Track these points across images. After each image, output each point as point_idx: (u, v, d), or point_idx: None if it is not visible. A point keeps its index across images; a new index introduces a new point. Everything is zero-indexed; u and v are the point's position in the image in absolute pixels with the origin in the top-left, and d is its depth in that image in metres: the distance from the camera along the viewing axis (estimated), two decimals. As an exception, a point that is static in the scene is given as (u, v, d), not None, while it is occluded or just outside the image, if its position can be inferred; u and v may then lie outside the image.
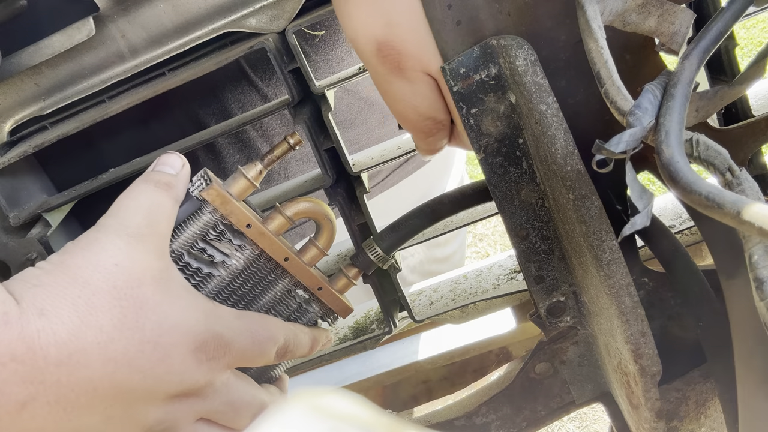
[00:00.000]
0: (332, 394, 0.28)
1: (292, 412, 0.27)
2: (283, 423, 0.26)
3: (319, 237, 0.52)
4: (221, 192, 0.46)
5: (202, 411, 0.44)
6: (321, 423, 0.26)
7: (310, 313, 0.53)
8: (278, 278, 0.50)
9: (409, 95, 0.47)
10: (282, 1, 0.49)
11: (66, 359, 0.35)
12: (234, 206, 0.47)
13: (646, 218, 0.36)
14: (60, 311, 0.37)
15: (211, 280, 0.48)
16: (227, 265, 0.48)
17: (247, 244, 0.48)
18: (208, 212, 0.47)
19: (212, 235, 0.47)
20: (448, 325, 0.85)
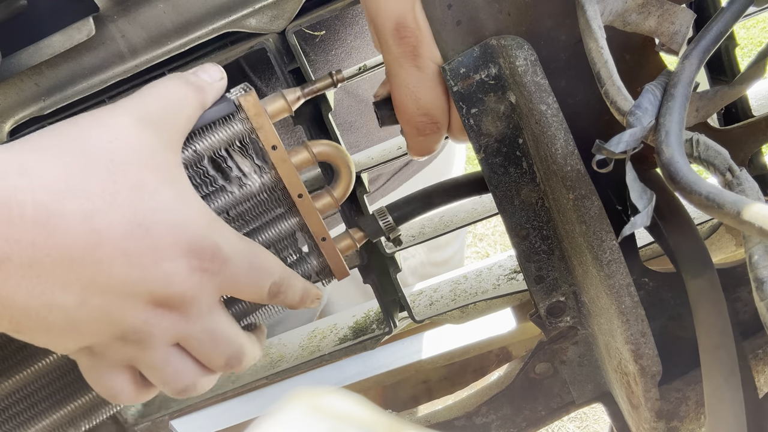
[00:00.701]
0: (332, 394, 0.28)
1: (292, 412, 0.27)
2: (283, 423, 0.26)
3: (336, 186, 0.50)
4: (258, 103, 0.44)
5: (180, 333, 0.40)
6: (321, 423, 0.26)
7: (307, 263, 0.50)
8: (286, 216, 0.48)
9: (415, 83, 0.46)
10: (282, 1, 0.49)
11: (44, 220, 0.32)
12: (266, 122, 0.45)
13: (646, 218, 0.36)
14: (45, 172, 0.34)
15: (221, 194, 0.45)
16: (242, 183, 0.45)
17: (267, 168, 0.46)
18: (239, 120, 0.45)
19: (237, 146, 0.45)
20: (448, 325, 0.85)
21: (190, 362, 0.42)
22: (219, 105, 0.44)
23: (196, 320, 0.40)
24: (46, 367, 0.47)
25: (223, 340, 0.42)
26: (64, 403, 0.49)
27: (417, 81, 0.46)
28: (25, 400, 0.48)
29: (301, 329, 0.71)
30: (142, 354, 0.40)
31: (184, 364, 0.41)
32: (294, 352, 0.68)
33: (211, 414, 0.90)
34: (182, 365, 0.41)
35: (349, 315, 0.70)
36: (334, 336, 0.68)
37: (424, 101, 0.47)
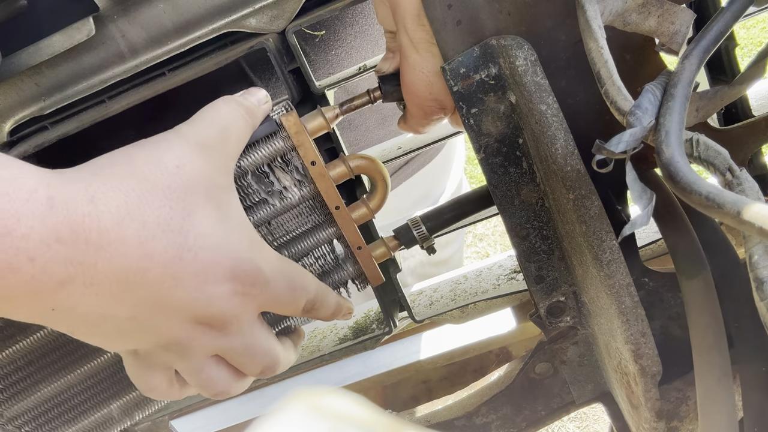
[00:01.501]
0: (332, 394, 0.28)
1: (292, 412, 0.27)
2: (283, 423, 0.26)
3: (372, 197, 0.52)
4: (299, 122, 0.47)
5: (219, 347, 0.43)
6: (321, 423, 0.26)
7: (343, 270, 0.52)
8: (324, 225, 0.51)
9: (430, 68, 0.47)
10: (282, 1, 0.49)
11: (106, 245, 0.36)
12: (306, 139, 0.47)
13: (646, 218, 0.36)
14: (110, 200, 0.37)
15: (264, 206, 0.48)
16: (283, 197, 0.48)
17: (306, 182, 0.49)
18: (281, 138, 0.47)
19: (278, 162, 0.48)
20: (448, 325, 0.85)
21: (226, 370, 0.45)
22: (262, 126, 0.47)
23: (234, 336, 0.43)
24: (105, 362, 0.53)
25: (259, 352, 0.45)
26: (118, 395, 0.54)
27: (432, 66, 0.47)
28: (87, 391, 0.54)
29: (301, 329, 0.71)
30: (181, 361, 0.43)
31: (219, 371, 0.45)
32: (294, 352, 0.68)
33: (211, 414, 0.90)
34: (217, 373, 0.45)
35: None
36: (334, 336, 0.68)
37: (437, 87, 0.48)
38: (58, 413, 0.54)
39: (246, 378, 0.47)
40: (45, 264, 0.35)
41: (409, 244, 0.55)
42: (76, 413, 0.54)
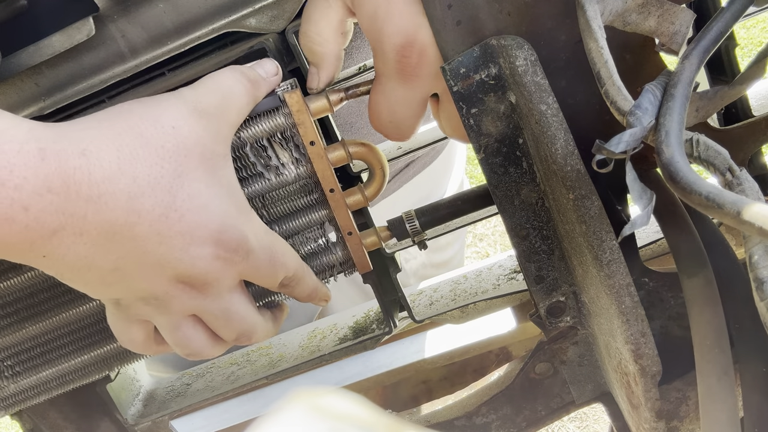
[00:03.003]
0: (332, 394, 0.28)
1: (292, 412, 0.27)
2: (283, 423, 0.26)
3: (369, 185, 0.52)
4: (302, 100, 0.47)
5: (197, 307, 0.44)
6: (321, 423, 0.26)
7: (332, 254, 0.53)
8: (317, 206, 0.51)
9: (397, 98, 0.48)
10: (282, 1, 0.49)
11: (95, 198, 0.37)
12: (307, 118, 0.48)
13: (646, 218, 0.36)
14: (102, 154, 0.38)
15: (259, 180, 0.49)
16: (279, 173, 0.49)
17: (303, 161, 0.49)
18: (283, 115, 0.48)
19: (278, 138, 0.48)
20: (448, 325, 0.85)
21: (202, 331, 0.46)
22: (266, 98, 0.47)
23: (213, 299, 0.44)
24: (90, 310, 0.53)
25: (236, 319, 0.46)
26: (100, 344, 0.55)
27: (400, 97, 0.48)
28: (70, 335, 0.55)
29: (301, 329, 0.71)
30: (159, 317, 0.45)
31: (196, 332, 0.46)
32: (294, 352, 0.68)
33: (211, 414, 0.90)
34: (193, 332, 0.46)
35: (349, 315, 0.70)
36: (334, 336, 0.68)
37: (399, 116, 0.49)
38: (41, 353, 0.55)
39: (222, 343, 0.47)
40: (38, 213, 0.36)
41: (401, 236, 0.55)
42: (57, 355, 0.55)
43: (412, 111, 0.49)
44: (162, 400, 0.68)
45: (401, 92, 0.48)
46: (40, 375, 0.56)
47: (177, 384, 0.71)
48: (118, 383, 0.65)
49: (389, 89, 0.48)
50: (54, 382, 0.57)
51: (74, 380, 0.57)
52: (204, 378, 0.70)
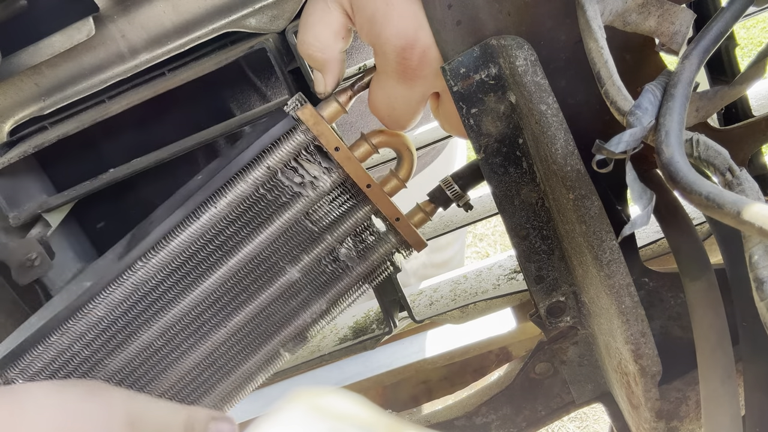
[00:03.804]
0: (332, 394, 0.28)
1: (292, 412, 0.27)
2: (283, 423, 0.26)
3: (400, 168, 0.53)
4: (314, 112, 0.48)
5: None
6: (321, 423, 0.26)
7: (387, 243, 0.54)
8: (359, 204, 0.52)
9: (397, 97, 0.48)
10: (282, 1, 0.49)
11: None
12: (325, 127, 0.48)
13: (646, 218, 0.36)
14: None
15: (299, 200, 0.50)
16: (315, 186, 0.50)
17: (333, 168, 0.50)
18: (301, 132, 0.48)
19: (304, 155, 0.49)
20: (448, 325, 0.85)
21: None
22: (280, 122, 0.48)
23: None
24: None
25: None
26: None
27: (400, 96, 0.48)
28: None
29: (301, 329, 0.71)
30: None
31: None
32: (294, 352, 0.68)
33: (211, 414, 0.90)
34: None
35: (349, 315, 0.70)
36: (334, 336, 0.68)
37: (399, 112, 0.49)
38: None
39: None
40: None
41: (446, 204, 0.55)
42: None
43: (412, 108, 0.49)
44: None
45: (401, 91, 0.48)
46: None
47: (177, 384, 0.71)
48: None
49: (389, 87, 0.48)
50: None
51: None
52: (204, 378, 0.70)
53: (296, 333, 0.56)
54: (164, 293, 0.52)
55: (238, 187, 0.49)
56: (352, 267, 0.55)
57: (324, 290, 0.55)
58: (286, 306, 0.55)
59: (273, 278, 0.53)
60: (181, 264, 0.51)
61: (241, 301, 0.54)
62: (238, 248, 0.51)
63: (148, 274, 0.51)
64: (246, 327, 0.55)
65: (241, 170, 0.49)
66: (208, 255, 0.51)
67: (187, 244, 0.50)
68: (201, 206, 0.50)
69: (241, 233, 0.51)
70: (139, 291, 0.51)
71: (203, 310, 0.53)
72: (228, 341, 0.55)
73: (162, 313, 0.52)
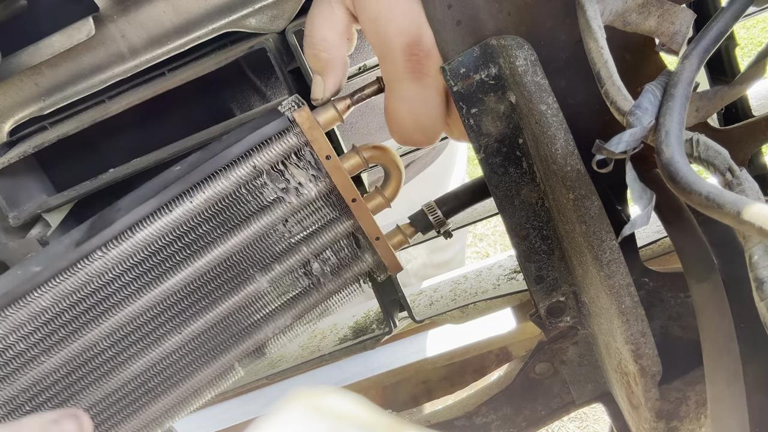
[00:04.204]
0: (332, 394, 0.28)
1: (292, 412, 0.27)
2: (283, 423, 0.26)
3: (386, 186, 0.52)
4: (311, 116, 0.47)
5: None
6: (321, 423, 0.26)
7: (362, 262, 0.52)
8: (341, 219, 0.50)
9: (414, 99, 0.47)
10: (282, 1, 0.49)
11: None
12: (319, 133, 0.47)
13: (646, 218, 0.36)
14: None
15: (280, 205, 0.48)
16: (300, 193, 0.48)
17: (321, 177, 0.48)
18: (294, 135, 0.47)
19: (293, 159, 0.48)
20: (448, 325, 0.85)
21: None
22: (274, 121, 0.47)
23: None
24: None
25: None
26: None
27: (417, 98, 0.47)
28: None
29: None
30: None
31: None
32: (294, 352, 0.68)
33: (211, 414, 0.90)
34: None
35: (349, 315, 0.70)
36: (334, 336, 0.68)
37: (422, 117, 0.48)
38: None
39: None
40: None
41: (426, 229, 0.54)
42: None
43: (433, 109, 0.48)
44: (162, 400, 0.68)
45: (416, 91, 0.47)
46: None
47: (177, 384, 0.71)
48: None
49: (405, 91, 0.47)
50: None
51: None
52: (204, 378, 0.70)
53: (255, 347, 0.54)
54: (119, 289, 0.48)
55: (219, 184, 0.47)
56: (324, 283, 0.52)
57: (291, 305, 0.53)
58: (249, 317, 0.52)
59: (240, 285, 0.51)
60: (144, 259, 0.47)
61: (201, 307, 0.50)
62: (207, 249, 0.48)
63: (105, 266, 0.46)
64: (203, 335, 0.52)
65: (226, 166, 0.47)
66: (174, 253, 0.48)
67: (153, 239, 0.47)
68: (175, 199, 0.47)
69: (213, 233, 0.48)
70: (92, 284, 0.47)
71: (159, 312, 0.50)
72: (181, 349, 0.52)
73: (113, 311, 0.48)
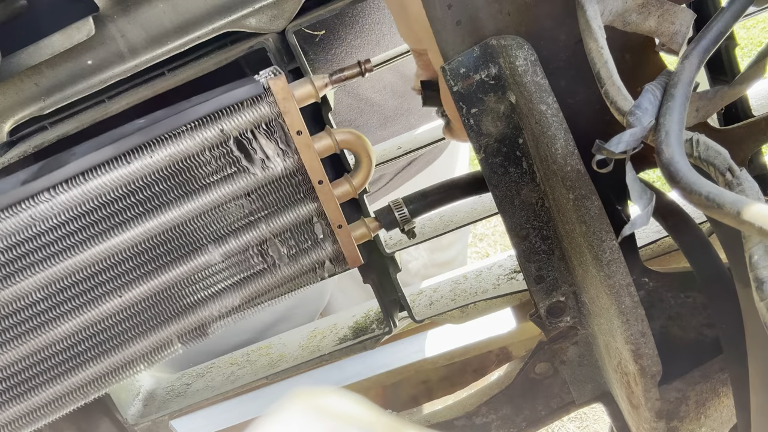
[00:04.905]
0: (332, 394, 0.28)
1: (292, 412, 0.27)
2: (283, 423, 0.26)
3: (356, 174, 0.51)
4: (287, 87, 0.45)
5: None
6: (321, 423, 0.26)
7: (322, 250, 0.50)
8: (304, 201, 0.49)
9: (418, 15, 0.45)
10: (282, 1, 0.49)
11: None
12: (293, 106, 0.46)
13: (646, 218, 0.36)
14: None
15: (244, 176, 0.46)
16: (265, 166, 0.46)
17: (290, 153, 0.47)
18: (267, 103, 0.45)
19: (263, 128, 0.46)
20: (448, 325, 0.85)
21: None
22: (248, 86, 0.45)
23: None
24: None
25: None
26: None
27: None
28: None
29: (301, 329, 0.71)
30: None
31: None
32: (294, 352, 0.68)
33: (211, 414, 0.90)
34: None
35: (349, 315, 0.70)
36: (334, 336, 0.68)
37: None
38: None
39: None
40: None
41: (390, 226, 0.54)
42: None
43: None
44: (162, 400, 0.68)
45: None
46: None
47: (177, 384, 0.71)
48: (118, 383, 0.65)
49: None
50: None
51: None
52: (204, 378, 0.70)
53: (198, 325, 0.51)
54: (61, 239, 0.45)
55: (182, 142, 0.44)
56: (279, 266, 0.50)
57: (241, 285, 0.50)
58: (197, 292, 0.49)
59: (190, 254, 0.48)
60: (91, 210, 0.44)
61: (146, 271, 0.47)
62: (160, 210, 0.46)
63: (50, 211, 0.43)
64: (144, 302, 0.48)
65: (191, 124, 0.44)
66: (125, 208, 0.45)
67: (105, 190, 0.44)
68: (134, 151, 0.44)
69: (169, 194, 0.46)
70: (33, 228, 0.44)
71: (101, 270, 0.46)
72: (119, 314, 0.48)
73: (51, 261, 0.45)
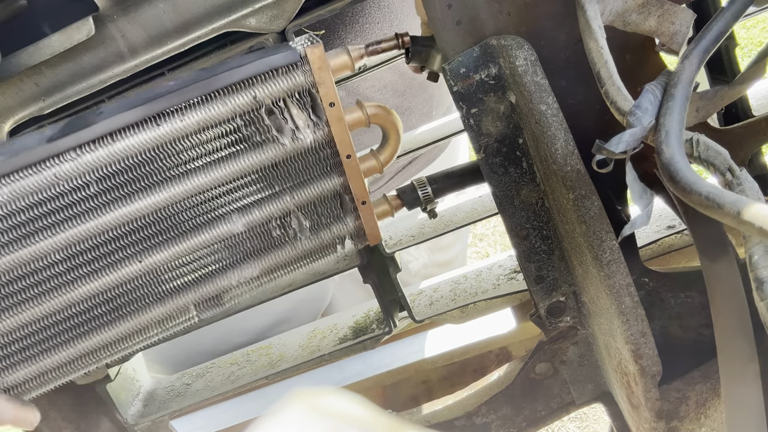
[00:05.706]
0: (332, 394, 0.28)
1: (292, 412, 0.27)
2: (283, 423, 0.26)
3: (383, 150, 0.50)
4: (324, 56, 0.44)
5: None
6: (321, 423, 0.26)
7: (343, 224, 0.50)
8: (330, 174, 0.48)
9: None
10: (282, 1, 0.49)
11: None
12: (328, 77, 0.44)
13: (646, 218, 0.36)
14: None
15: (273, 145, 0.45)
16: (295, 137, 0.45)
17: (321, 125, 0.46)
18: (302, 72, 0.44)
19: (296, 98, 0.45)
20: (448, 325, 0.85)
21: None
22: (284, 52, 0.43)
23: None
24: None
25: None
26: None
27: None
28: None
29: (301, 329, 0.71)
30: None
31: None
32: (294, 352, 0.68)
33: (211, 414, 0.90)
34: None
35: (349, 315, 0.70)
36: (334, 336, 0.68)
37: None
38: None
39: None
40: None
41: (412, 204, 0.53)
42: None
43: None
44: (162, 400, 0.68)
45: None
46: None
47: (177, 384, 0.71)
48: (117, 383, 0.65)
49: None
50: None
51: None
52: (204, 378, 0.70)
53: (216, 293, 0.50)
54: (84, 200, 0.43)
55: (215, 107, 0.43)
56: (300, 239, 0.49)
57: (261, 255, 0.49)
58: (216, 259, 0.48)
59: (213, 222, 0.47)
60: (117, 173, 0.43)
61: (169, 237, 0.46)
62: (188, 176, 0.45)
63: (76, 170, 0.42)
64: (165, 267, 0.48)
65: (224, 89, 0.43)
66: (154, 172, 0.44)
67: (135, 151, 0.43)
68: (165, 113, 0.43)
69: (198, 161, 0.45)
70: (58, 187, 0.42)
71: (124, 234, 0.45)
72: (139, 278, 0.47)
73: (74, 222, 0.44)
